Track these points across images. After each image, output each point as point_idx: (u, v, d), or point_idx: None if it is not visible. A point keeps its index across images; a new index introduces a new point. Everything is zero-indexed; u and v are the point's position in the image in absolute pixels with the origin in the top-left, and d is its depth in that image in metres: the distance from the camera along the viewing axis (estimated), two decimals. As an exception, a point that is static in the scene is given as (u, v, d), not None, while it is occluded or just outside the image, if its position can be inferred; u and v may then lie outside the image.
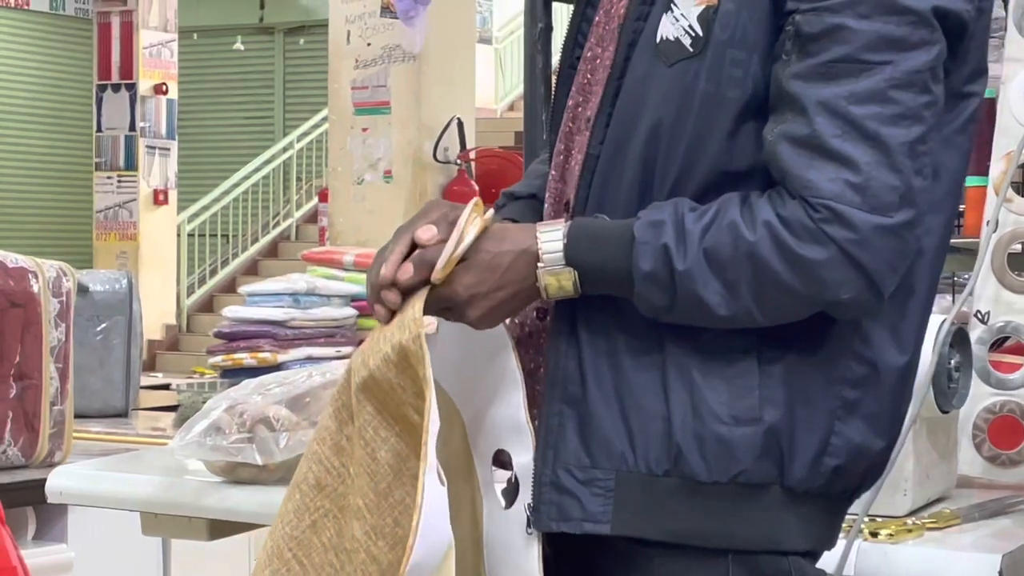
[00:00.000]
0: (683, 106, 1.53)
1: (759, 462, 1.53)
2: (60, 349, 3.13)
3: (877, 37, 1.47)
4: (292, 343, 3.39)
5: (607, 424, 1.55)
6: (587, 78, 1.68)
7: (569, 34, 1.73)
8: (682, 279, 1.49)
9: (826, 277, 1.48)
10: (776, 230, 1.48)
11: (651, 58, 1.56)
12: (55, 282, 3.13)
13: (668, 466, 1.53)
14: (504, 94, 13.49)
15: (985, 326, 2.47)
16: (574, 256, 1.53)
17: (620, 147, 1.57)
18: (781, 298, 1.50)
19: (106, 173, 12.52)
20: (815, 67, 1.48)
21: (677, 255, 1.49)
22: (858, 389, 1.56)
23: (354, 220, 7.12)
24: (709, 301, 1.50)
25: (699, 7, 1.54)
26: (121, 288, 3.98)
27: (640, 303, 1.53)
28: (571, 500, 1.56)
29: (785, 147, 1.49)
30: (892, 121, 1.47)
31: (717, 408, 1.52)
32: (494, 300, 1.55)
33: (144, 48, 12.38)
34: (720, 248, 1.49)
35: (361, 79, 7.06)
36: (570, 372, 1.58)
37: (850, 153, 1.46)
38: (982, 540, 2.02)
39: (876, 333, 1.56)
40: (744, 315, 1.51)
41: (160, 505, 2.41)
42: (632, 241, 1.51)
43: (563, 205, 1.66)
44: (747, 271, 1.49)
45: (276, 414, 2.32)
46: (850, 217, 1.46)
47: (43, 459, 3.08)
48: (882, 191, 1.47)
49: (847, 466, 1.56)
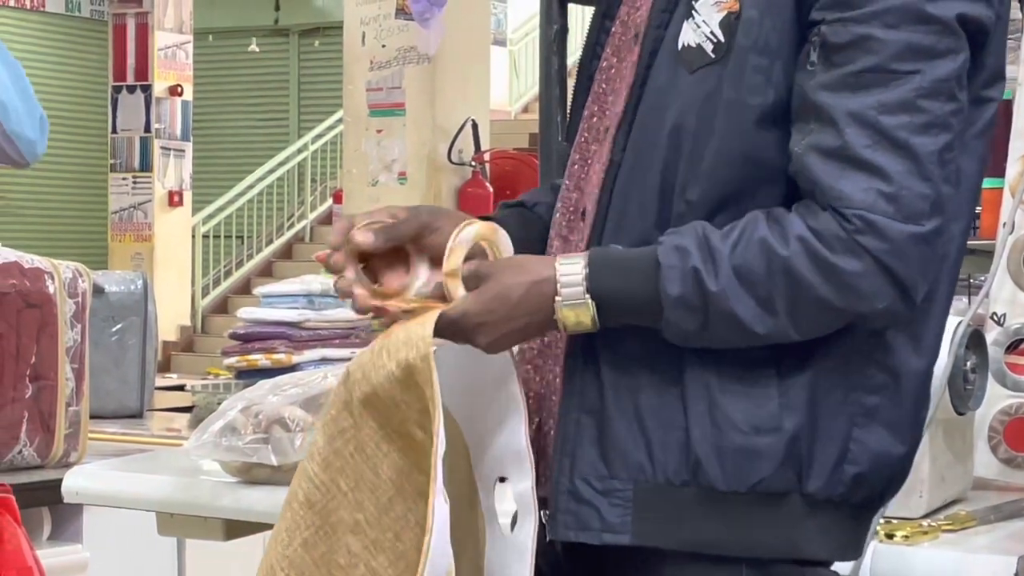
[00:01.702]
0: (704, 112, 1.53)
1: (779, 471, 1.53)
2: (76, 350, 3.13)
3: (905, 47, 1.47)
4: (307, 344, 3.39)
5: (625, 434, 1.55)
6: (602, 87, 1.68)
7: (587, 45, 1.73)
8: (715, 299, 1.48)
9: (862, 288, 1.48)
10: (810, 243, 1.47)
11: (673, 65, 1.56)
12: (71, 283, 3.13)
13: (687, 476, 1.53)
14: (519, 96, 13.50)
15: (1001, 328, 2.46)
16: (596, 285, 1.52)
17: (642, 154, 1.57)
18: (816, 311, 1.49)
19: (121, 174, 12.55)
20: (843, 77, 1.48)
21: (708, 276, 1.48)
22: (877, 395, 1.56)
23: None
24: (745, 319, 1.49)
25: (721, 13, 1.54)
26: (136, 289, 3.99)
27: (668, 329, 1.51)
28: (589, 510, 1.56)
29: (815, 158, 1.48)
30: (921, 130, 1.47)
31: (736, 418, 1.52)
32: (505, 328, 1.53)
33: (159, 50, 12.41)
34: (752, 266, 1.48)
35: (376, 81, 7.07)
36: (588, 381, 1.57)
37: (881, 163, 1.46)
38: (998, 542, 2.02)
39: (896, 339, 1.56)
40: (780, 331, 1.50)
41: (176, 505, 2.41)
42: (657, 267, 1.50)
43: (579, 215, 1.66)
44: (781, 286, 1.48)
45: (291, 415, 2.33)
46: (884, 227, 1.46)
47: (59, 459, 3.09)
48: (914, 200, 1.47)
49: (868, 473, 1.56)
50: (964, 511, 2.11)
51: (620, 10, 1.69)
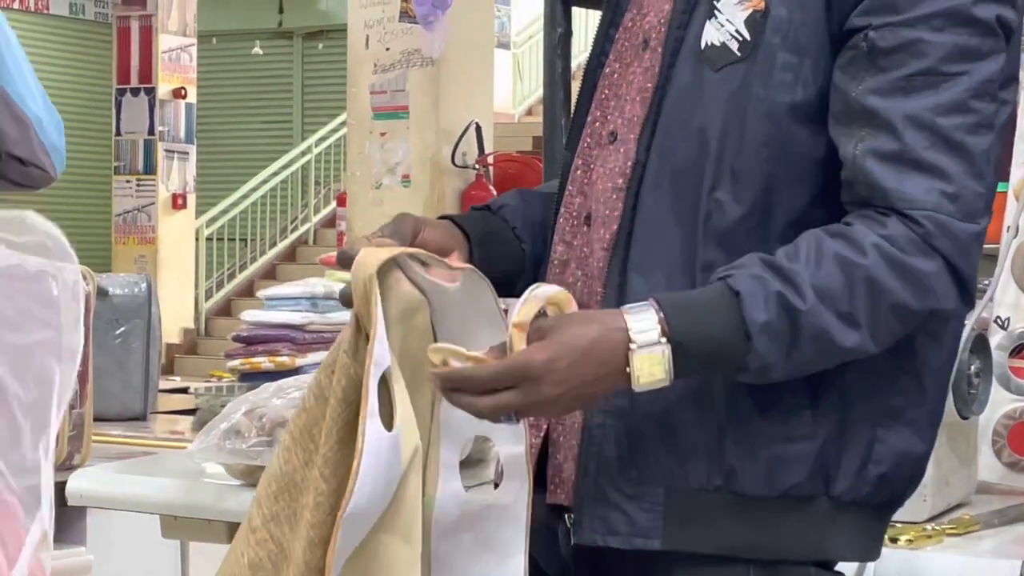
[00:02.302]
0: (731, 110, 1.53)
1: (809, 476, 1.53)
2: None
3: (953, 48, 1.49)
4: (310, 347, 3.39)
5: (656, 438, 1.55)
6: (605, 93, 1.68)
7: (592, 54, 1.73)
8: (807, 319, 1.45)
9: (936, 288, 1.49)
10: (886, 249, 1.47)
11: (696, 64, 1.56)
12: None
13: (719, 482, 1.53)
14: (522, 99, 13.50)
15: (1005, 332, 2.46)
16: (677, 328, 1.43)
17: (667, 154, 1.57)
18: (893, 318, 1.49)
19: (125, 177, 12.57)
20: (894, 81, 1.49)
21: (794, 297, 1.45)
22: (902, 396, 1.56)
23: (372, 224, 7.05)
24: (835, 336, 1.46)
25: (746, 12, 1.54)
26: (140, 292, 3.99)
27: (753, 362, 1.45)
28: (618, 514, 1.55)
29: (873, 163, 1.49)
30: (973, 130, 1.49)
31: (770, 426, 1.52)
32: (575, 379, 1.42)
33: (163, 52, 12.43)
34: (831, 282, 1.46)
35: (380, 83, 7.06)
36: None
37: (941, 164, 1.48)
38: (1002, 546, 2.02)
39: (920, 340, 1.56)
40: (863, 344, 1.48)
41: (179, 508, 2.41)
42: (736, 297, 1.44)
43: (582, 219, 1.65)
44: (863, 297, 1.47)
45: (295, 418, 2.33)
46: (950, 227, 1.48)
47: (62, 462, 3.08)
48: (972, 199, 1.49)
49: (891, 473, 1.57)
50: (968, 515, 2.11)
51: (624, 17, 1.69)
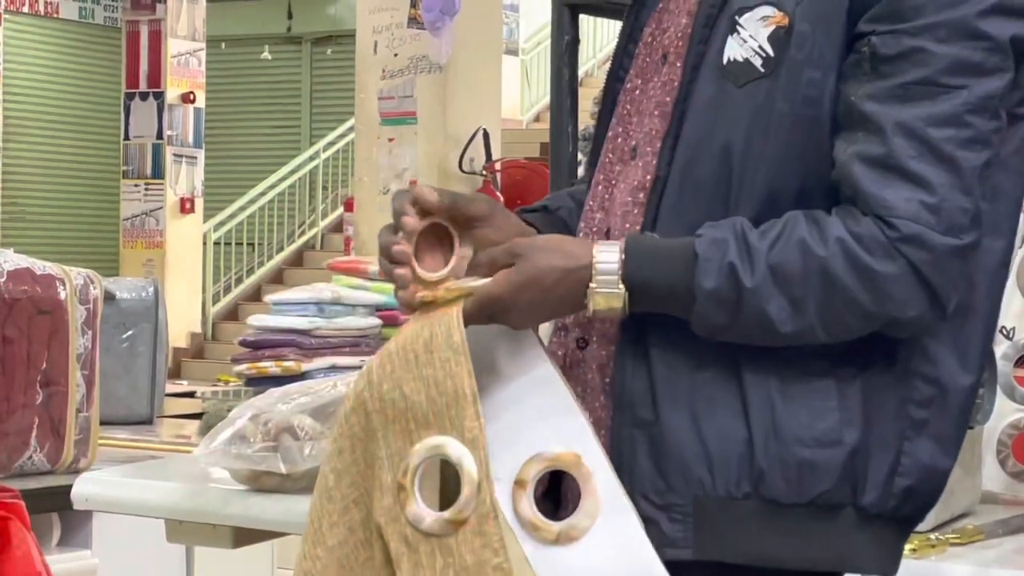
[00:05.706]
0: (754, 126, 1.54)
1: (838, 484, 1.53)
2: (86, 356, 3.14)
3: (955, 61, 1.49)
4: (317, 352, 3.39)
5: (684, 448, 1.54)
6: (627, 109, 1.68)
7: (611, 70, 1.74)
8: (750, 296, 1.49)
9: (895, 293, 1.49)
10: (849, 246, 1.48)
11: (718, 80, 1.57)
12: (82, 289, 3.14)
13: (749, 489, 1.53)
14: (530, 105, 13.50)
15: (1010, 342, 2.46)
16: (632, 273, 1.52)
17: (688, 169, 1.57)
18: (847, 314, 1.50)
19: (133, 181, 12.59)
20: (891, 88, 1.49)
21: (744, 272, 1.49)
22: (926, 409, 1.56)
23: (379, 230, 7.11)
24: (775, 318, 1.49)
25: (769, 28, 1.55)
26: (147, 296, 3.99)
27: (697, 321, 1.52)
28: (649, 526, 1.54)
29: (860, 166, 1.49)
30: (966, 145, 1.49)
31: (799, 430, 1.52)
32: (535, 313, 1.56)
33: (172, 57, 12.44)
34: (788, 264, 1.49)
35: (388, 89, 7.07)
36: (638, 394, 1.57)
37: (926, 174, 1.48)
38: (1006, 556, 2.02)
39: (941, 354, 1.57)
40: (807, 332, 1.50)
41: (185, 512, 2.42)
42: (694, 259, 1.50)
43: (603, 234, 1.66)
44: (816, 286, 1.49)
45: (301, 423, 2.33)
46: (925, 238, 1.47)
47: (69, 465, 3.10)
48: (955, 213, 1.48)
49: (917, 486, 1.57)
50: (972, 525, 2.11)
51: (644, 32, 1.70)
